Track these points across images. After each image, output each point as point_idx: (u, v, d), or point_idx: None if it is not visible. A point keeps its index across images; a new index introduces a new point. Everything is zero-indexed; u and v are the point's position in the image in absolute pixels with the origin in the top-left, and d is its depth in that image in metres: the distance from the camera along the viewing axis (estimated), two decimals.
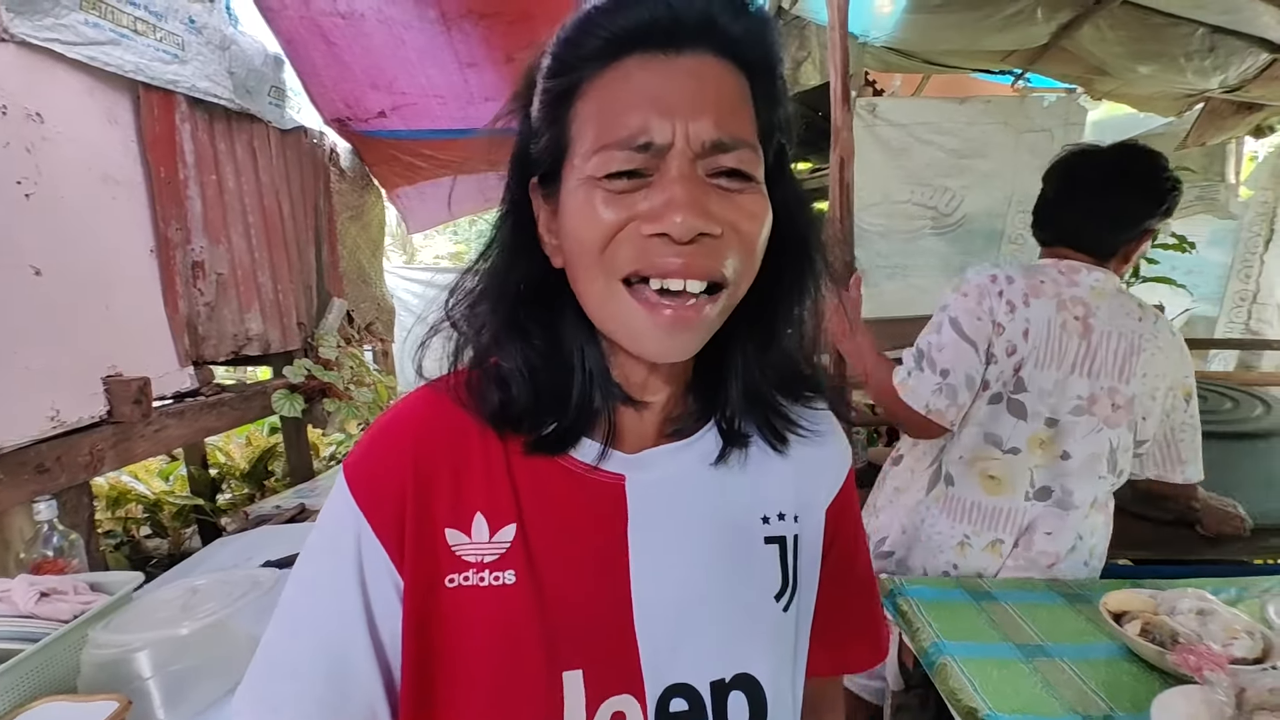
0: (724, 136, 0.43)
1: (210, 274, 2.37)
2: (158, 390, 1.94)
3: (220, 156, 2.42)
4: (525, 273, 0.50)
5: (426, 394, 0.51)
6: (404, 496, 0.47)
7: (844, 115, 1.51)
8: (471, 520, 0.48)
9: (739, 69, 0.45)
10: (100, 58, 1.72)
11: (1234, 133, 2.90)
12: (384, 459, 0.48)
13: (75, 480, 1.64)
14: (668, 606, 0.50)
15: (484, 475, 0.49)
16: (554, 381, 0.50)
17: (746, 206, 0.45)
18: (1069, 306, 1.28)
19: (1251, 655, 0.92)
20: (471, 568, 0.47)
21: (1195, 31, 2.26)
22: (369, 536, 0.46)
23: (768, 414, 0.55)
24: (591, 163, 0.43)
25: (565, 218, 0.46)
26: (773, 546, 0.55)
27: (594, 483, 0.51)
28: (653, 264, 0.43)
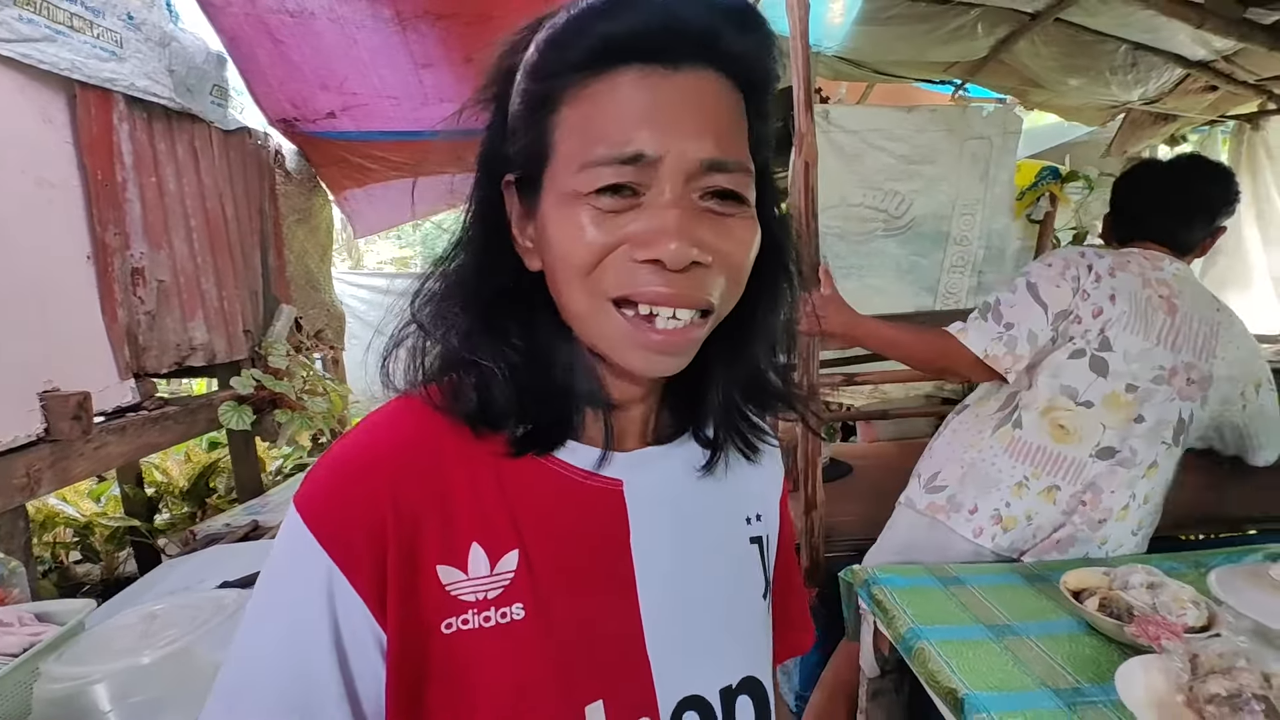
0: (723, 157, 0.42)
1: (151, 281, 2.25)
2: (98, 405, 1.83)
3: (160, 158, 2.31)
4: (498, 274, 0.47)
5: (397, 412, 0.46)
6: (384, 536, 0.41)
7: (807, 121, 1.56)
8: (467, 553, 0.43)
9: (737, 87, 0.44)
10: (34, 55, 1.62)
11: (1151, 141, 3.13)
12: (356, 493, 0.42)
13: (10, 504, 1.53)
14: (675, 617, 0.48)
15: (475, 498, 0.44)
16: (534, 379, 0.47)
17: (738, 234, 0.44)
18: (1154, 285, 1.41)
19: (1198, 624, 0.99)
20: (471, 608, 0.42)
21: (1119, 48, 2.42)
22: (343, 587, 0.40)
23: (740, 425, 0.54)
24: (578, 178, 0.41)
25: (549, 232, 0.44)
26: (754, 546, 0.56)
27: (591, 489, 0.48)
28: (642, 291, 0.42)
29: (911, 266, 2.76)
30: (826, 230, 2.54)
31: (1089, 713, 0.89)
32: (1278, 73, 2.45)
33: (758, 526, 0.57)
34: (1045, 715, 0.90)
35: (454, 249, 0.49)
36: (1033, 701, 0.93)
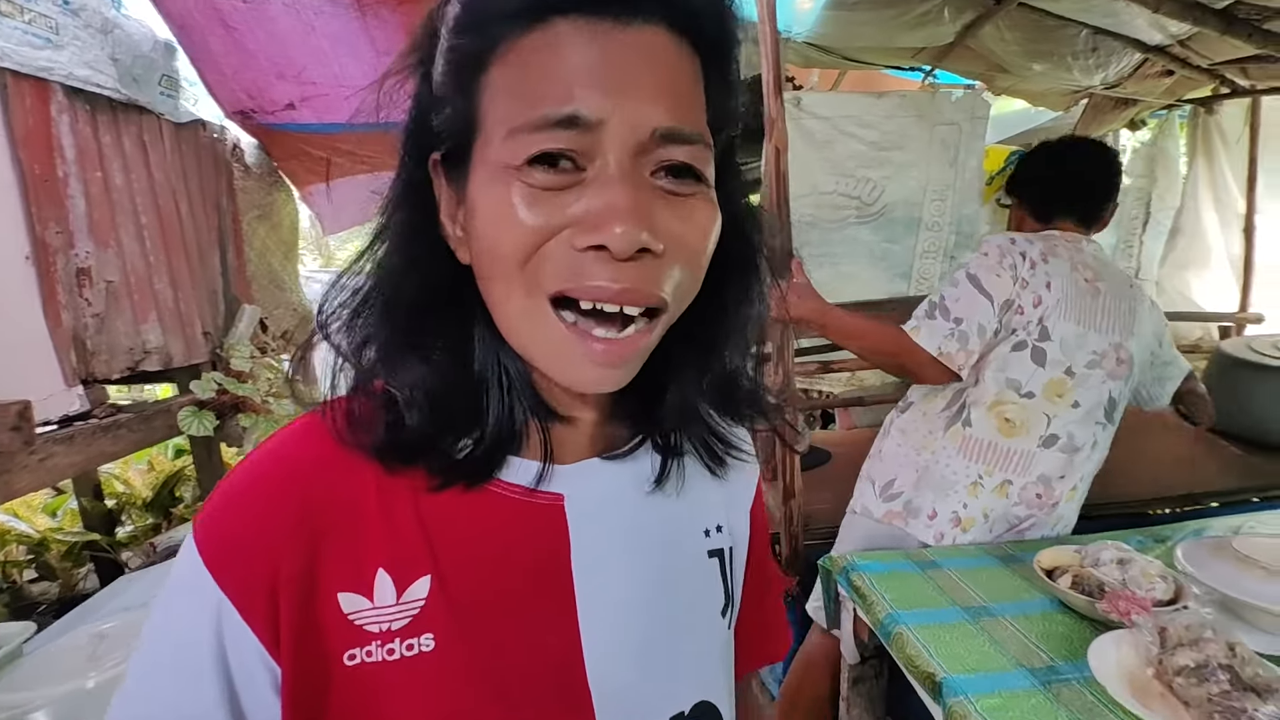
0: (678, 125, 0.36)
1: (98, 281, 2.16)
2: (41, 414, 1.75)
3: (106, 151, 2.21)
4: (424, 270, 0.41)
5: (303, 429, 0.41)
6: (277, 562, 0.37)
7: (777, 107, 1.54)
8: (373, 580, 0.39)
9: (694, 49, 0.38)
10: None
11: (1113, 126, 3.17)
12: (249, 517, 0.38)
13: None
14: (620, 642, 0.44)
15: (384, 520, 0.40)
16: (462, 402, 0.42)
17: (695, 218, 0.38)
18: (1080, 269, 1.42)
19: (1166, 598, 1.00)
20: (376, 639, 0.38)
21: (1080, 33, 2.45)
22: (232, 618, 0.36)
23: (705, 436, 0.50)
24: (508, 147, 0.36)
25: (477, 215, 0.38)
26: (714, 560, 0.51)
27: (527, 507, 0.43)
28: (584, 285, 0.36)
29: (884, 253, 2.77)
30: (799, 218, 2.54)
31: (1064, 690, 0.89)
32: (1230, 57, 2.50)
33: (719, 539, 0.52)
34: (1021, 694, 0.89)
35: (375, 240, 0.43)
36: (1009, 682, 0.92)
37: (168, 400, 2.58)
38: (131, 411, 2.30)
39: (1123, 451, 2.16)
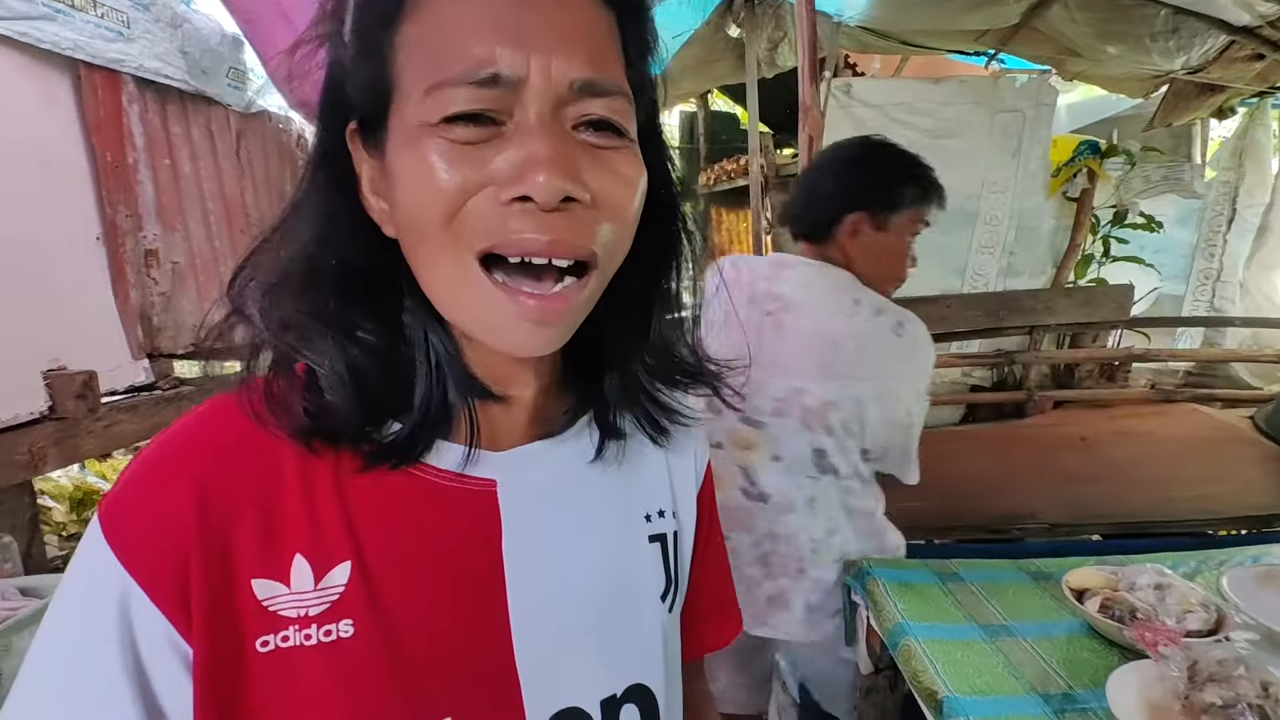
0: (596, 77, 0.36)
1: (165, 263, 2.29)
2: (108, 384, 1.87)
3: (174, 140, 2.34)
4: (345, 246, 0.40)
5: (218, 406, 0.40)
6: (185, 544, 0.36)
7: (811, 93, 1.48)
8: (290, 565, 0.38)
9: (606, 5, 0.39)
10: (33, 33, 1.64)
11: (1197, 114, 2.92)
12: (152, 497, 0.37)
13: (13, 480, 1.57)
14: (551, 627, 0.44)
15: (303, 504, 0.39)
16: (388, 382, 0.40)
17: (620, 169, 0.38)
18: (762, 302, 1.22)
19: (1205, 628, 0.92)
20: (293, 624, 0.37)
21: (1159, 12, 2.26)
22: (140, 600, 0.35)
23: (647, 405, 0.49)
24: (426, 105, 0.35)
25: (397, 178, 0.37)
26: (655, 545, 0.51)
27: (457, 492, 0.42)
28: (510, 240, 0.35)
29: (938, 248, 2.65)
30: None
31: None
32: None
33: (660, 524, 0.51)
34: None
35: (288, 216, 0.41)
36: (1017, 707, 0.86)
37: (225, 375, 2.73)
38: (193, 385, 2.44)
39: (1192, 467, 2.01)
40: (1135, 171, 2.90)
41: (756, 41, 2.76)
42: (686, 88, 4.01)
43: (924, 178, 1.20)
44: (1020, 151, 2.55)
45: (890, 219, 1.18)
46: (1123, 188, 2.93)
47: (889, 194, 1.18)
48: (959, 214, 2.58)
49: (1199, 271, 3.21)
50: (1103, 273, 3.02)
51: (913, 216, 1.20)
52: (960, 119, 2.45)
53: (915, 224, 1.21)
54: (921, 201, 1.20)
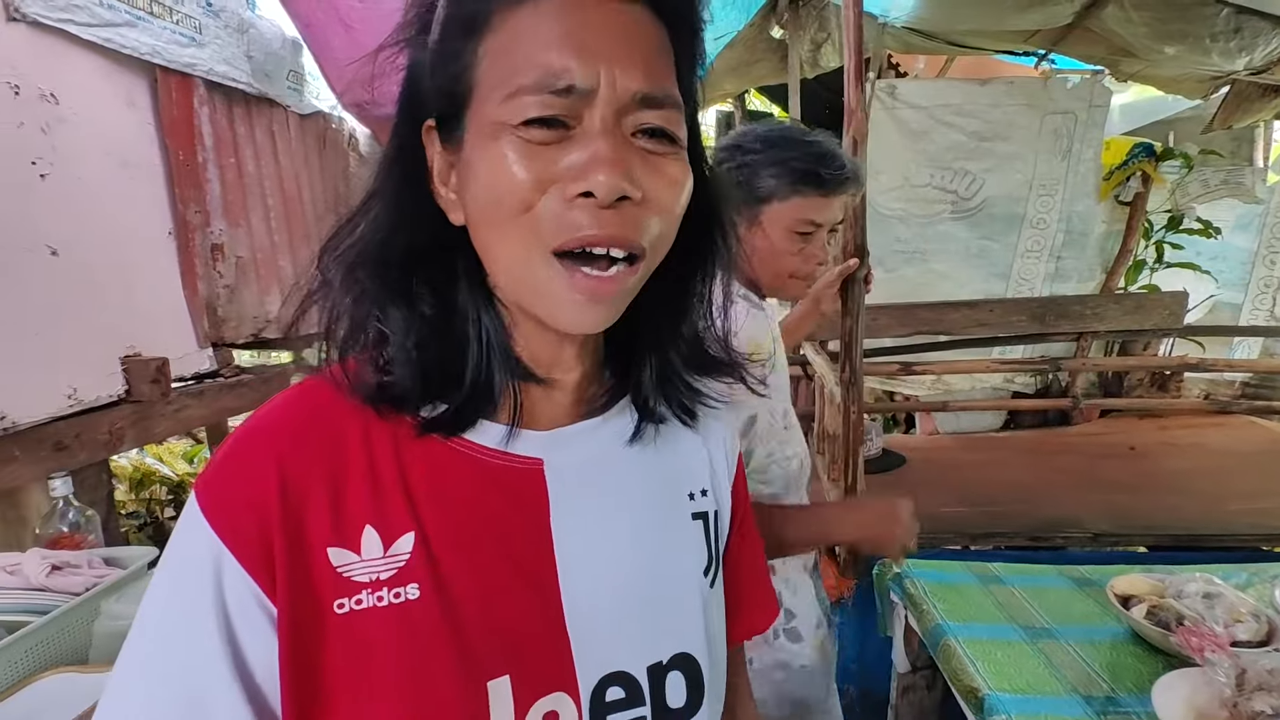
0: (654, 90, 0.40)
1: (230, 256, 2.40)
2: (177, 371, 1.98)
3: (239, 140, 2.45)
4: (415, 230, 0.44)
5: (296, 394, 0.45)
6: (269, 515, 0.40)
7: (857, 95, 1.48)
8: (360, 535, 0.42)
9: (663, 23, 0.43)
10: (116, 39, 1.74)
11: (1260, 116, 2.81)
12: (241, 474, 0.41)
13: (94, 458, 1.68)
14: (600, 596, 0.47)
15: (371, 482, 0.43)
16: (445, 356, 0.44)
17: (670, 172, 0.42)
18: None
19: (1256, 638, 0.91)
20: (365, 588, 0.41)
21: (1220, 12, 2.18)
22: (231, 564, 0.40)
23: (679, 390, 0.52)
24: (505, 109, 0.39)
25: (475, 171, 0.41)
26: (698, 522, 0.54)
27: (507, 470, 0.46)
28: (575, 235, 0.40)
29: (981, 250, 2.61)
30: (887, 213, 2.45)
31: None
32: None
33: (702, 502, 0.55)
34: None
35: (367, 202, 0.45)
36: (1060, 707, 0.87)
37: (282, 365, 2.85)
38: (253, 373, 2.56)
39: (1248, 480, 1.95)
40: (1192, 175, 2.81)
41: (799, 42, 2.76)
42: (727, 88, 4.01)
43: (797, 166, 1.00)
44: (1071, 154, 2.50)
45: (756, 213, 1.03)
46: (1179, 192, 2.84)
47: (747, 187, 1.02)
48: (1005, 217, 2.54)
49: (1259, 279, 3.09)
50: (1155, 279, 2.93)
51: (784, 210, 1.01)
52: (1009, 120, 2.41)
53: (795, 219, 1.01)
54: (789, 194, 1.01)
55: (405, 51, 0.45)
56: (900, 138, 2.41)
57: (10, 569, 1.12)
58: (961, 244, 2.59)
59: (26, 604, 1.07)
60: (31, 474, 1.49)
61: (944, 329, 2.48)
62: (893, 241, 2.50)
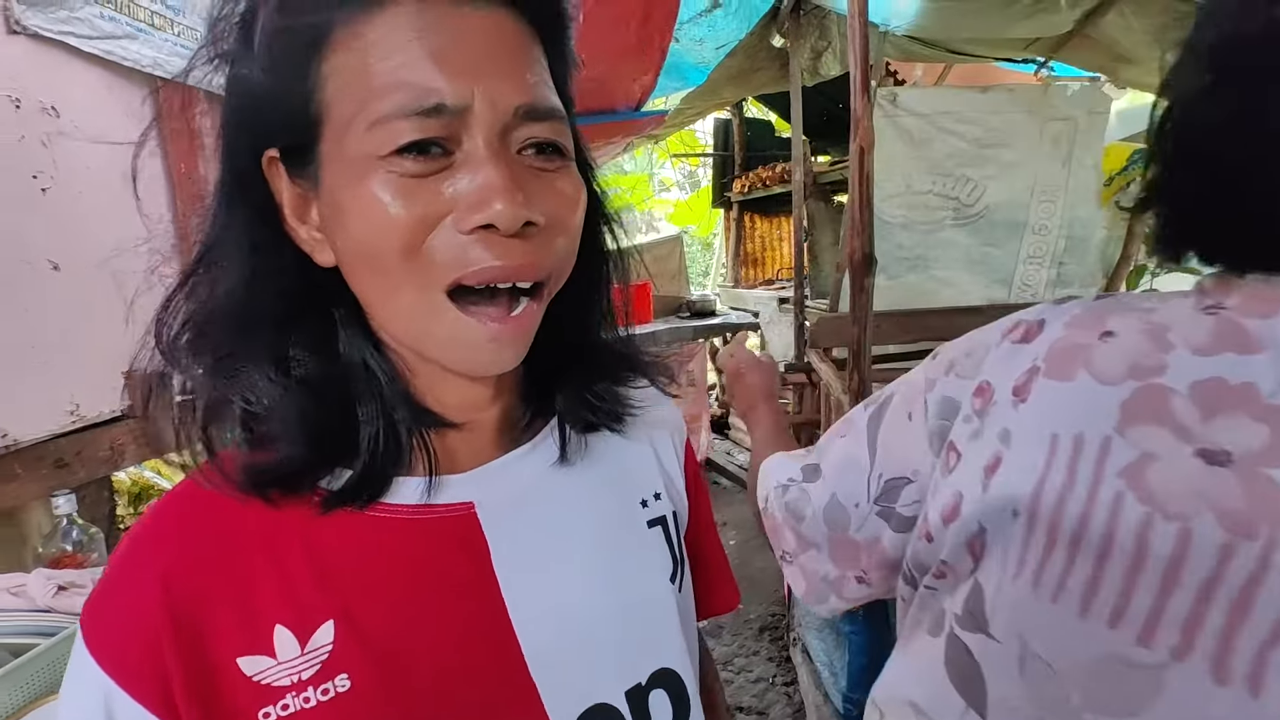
0: (536, 101, 0.37)
1: None
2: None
3: None
4: (276, 279, 0.39)
5: (170, 500, 0.40)
6: (159, 640, 0.36)
7: (864, 105, 1.49)
8: (271, 637, 0.37)
9: (529, 25, 0.39)
10: (117, 52, 1.73)
11: None
12: (122, 599, 0.37)
13: (95, 475, 1.65)
14: (561, 630, 0.44)
15: (275, 577, 0.38)
16: (334, 420, 0.39)
17: (565, 190, 0.39)
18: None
19: None
20: (290, 691, 0.37)
21: None
22: (122, 699, 0.35)
23: (601, 401, 0.50)
24: (370, 139, 0.35)
25: (344, 211, 0.36)
26: (656, 529, 0.51)
27: (435, 523, 0.42)
28: (477, 269, 0.36)
29: (983, 257, 2.62)
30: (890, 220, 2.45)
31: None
32: None
33: (658, 506, 0.52)
34: None
35: (209, 253, 0.39)
36: None
37: None
38: None
39: None
40: None
41: (800, 51, 2.77)
42: (726, 96, 4.03)
43: None
44: (1071, 160, 2.51)
45: None
46: None
47: None
48: (1007, 224, 2.54)
49: None
50: (1156, 284, 2.94)
51: None
52: (1009, 127, 2.42)
53: None
54: None
55: (223, 68, 0.39)
56: (902, 145, 2.41)
57: (15, 590, 1.10)
58: (963, 250, 2.59)
59: (33, 626, 1.05)
60: (33, 492, 1.47)
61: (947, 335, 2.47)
62: (895, 248, 2.50)
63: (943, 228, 2.51)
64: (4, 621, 1.05)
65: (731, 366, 1.04)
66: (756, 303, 4.50)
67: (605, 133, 2.89)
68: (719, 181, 5.66)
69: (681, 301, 4.42)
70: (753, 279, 5.46)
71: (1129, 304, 0.48)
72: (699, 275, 8.07)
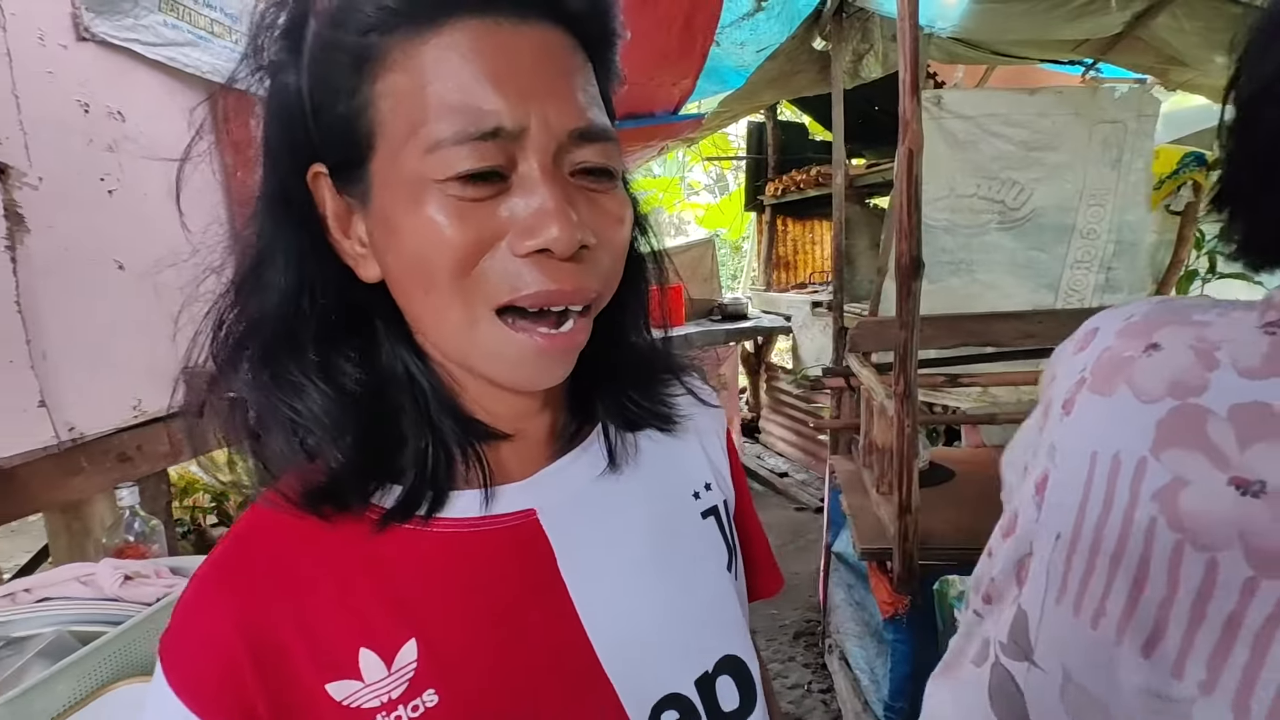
0: (590, 125, 0.37)
1: None
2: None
3: None
4: (323, 293, 0.39)
5: (239, 533, 0.40)
6: (241, 675, 0.36)
7: (913, 108, 1.47)
8: (357, 661, 0.38)
9: (580, 44, 0.38)
10: (179, 59, 1.78)
11: None
12: (199, 633, 0.37)
13: (155, 468, 1.70)
14: (629, 626, 0.44)
15: (349, 601, 0.38)
16: (383, 434, 0.40)
17: (615, 210, 0.39)
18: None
19: None
20: (380, 711, 0.37)
21: None
22: None
23: (643, 405, 0.50)
24: (428, 163, 0.34)
25: (397, 231, 0.36)
26: (710, 519, 0.52)
27: (498, 533, 0.42)
28: (531, 292, 0.36)
29: (1029, 261, 2.57)
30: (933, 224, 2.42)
31: None
32: None
33: (710, 497, 0.53)
34: None
35: (258, 265, 0.39)
36: None
37: None
38: None
39: None
40: None
41: (842, 53, 2.75)
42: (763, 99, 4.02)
43: None
44: (1121, 163, 2.45)
45: None
46: None
47: None
48: (1054, 228, 2.49)
49: None
50: (1208, 290, 2.86)
51: None
52: (1058, 130, 2.37)
53: None
54: None
55: (267, 78, 0.39)
56: (946, 148, 2.38)
57: (84, 579, 1.13)
58: (1008, 254, 2.55)
59: (101, 614, 1.08)
60: (97, 485, 1.52)
61: (991, 340, 2.44)
62: (938, 252, 2.47)
63: (987, 231, 2.47)
64: (74, 610, 1.09)
65: None
66: (789, 306, 4.47)
67: (642, 136, 2.90)
68: (752, 185, 5.65)
69: (714, 305, 4.42)
70: (784, 282, 5.43)
71: (1184, 314, 0.44)
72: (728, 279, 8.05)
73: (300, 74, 0.37)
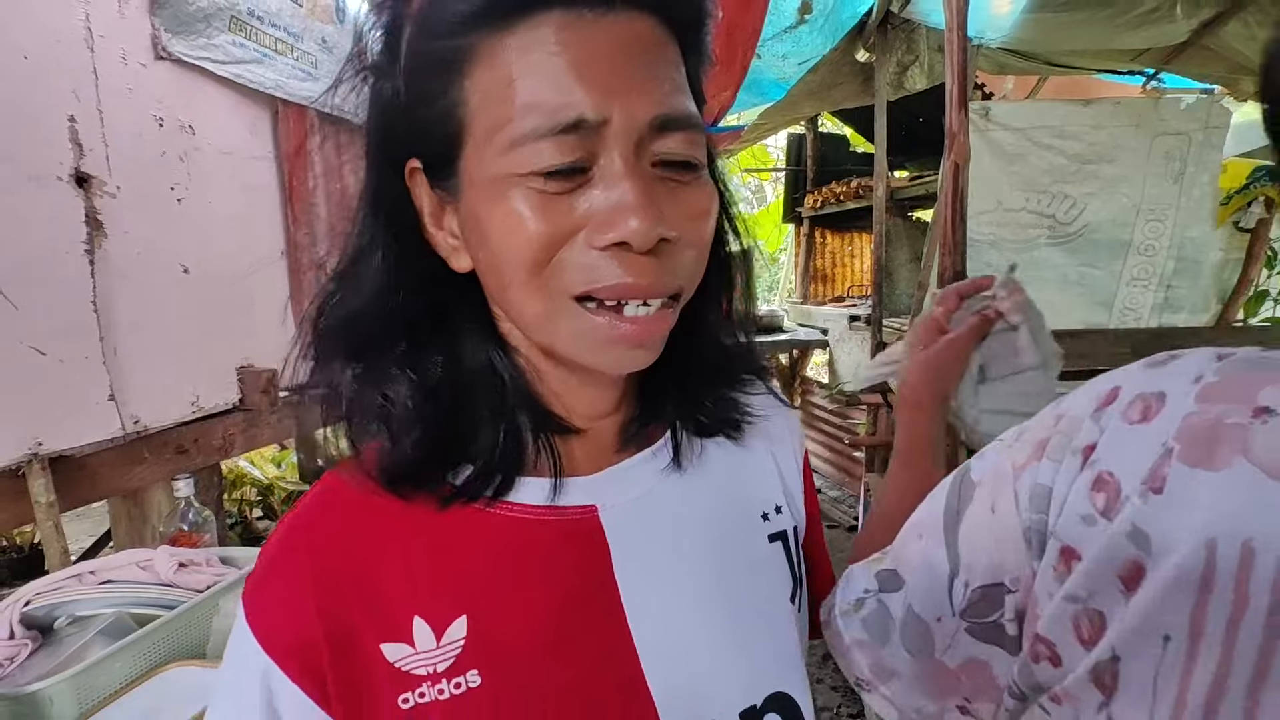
0: (674, 112, 0.36)
1: None
2: (281, 382, 2.10)
3: (344, 168, 2.60)
4: (417, 284, 0.40)
5: (317, 495, 0.42)
6: (312, 628, 0.38)
7: (960, 120, 1.45)
8: (411, 628, 0.39)
9: (671, 32, 0.38)
10: (245, 75, 1.89)
11: None
12: (279, 588, 0.39)
13: (209, 461, 1.79)
14: (678, 644, 0.43)
15: (411, 570, 0.40)
16: (463, 419, 0.41)
17: (699, 203, 0.38)
18: None
19: None
20: (425, 681, 0.38)
21: None
22: (279, 679, 0.38)
23: (718, 406, 0.49)
24: (512, 159, 0.35)
25: (484, 225, 0.37)
26: (776, 544, 0.49)
27: (559, 524, 0.42)
28: (608, 285, 0.36)
29: (1081, 278, 2.48)
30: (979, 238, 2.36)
31: None
32: None
33: (780, 520, 0.50)
34: None
35: (360, 255, 0.41)
36: None
37: None
38: None
39: None
40: None
41: (886, 65, 2.73)
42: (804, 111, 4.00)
43: None
44: (1184, 177, 2.35)
45: None
46: None
47: None
48: (1108, 243, 2.40)
49: None
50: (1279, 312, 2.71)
51: None
52: (1114, 142, 2.29)
53: None
54: None
55: (368, 81, 0.40)
56: (993, 160, 2.32)
57: (143, 564, 1.20)
58: (1059, 271, 2.46)
59: (157, 598, 1.14)
60: (156, 475, 1.61)
61: None
62: (983, 267, 2.40)
63: (1036, 246, 2.40)
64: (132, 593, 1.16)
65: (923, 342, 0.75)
66: (825, 320, 4.40)
67: None
68: (790, 196, 5.61)
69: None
70: (822, 295, 5.36)
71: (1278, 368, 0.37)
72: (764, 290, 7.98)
73: (398, 75, 0.38)
